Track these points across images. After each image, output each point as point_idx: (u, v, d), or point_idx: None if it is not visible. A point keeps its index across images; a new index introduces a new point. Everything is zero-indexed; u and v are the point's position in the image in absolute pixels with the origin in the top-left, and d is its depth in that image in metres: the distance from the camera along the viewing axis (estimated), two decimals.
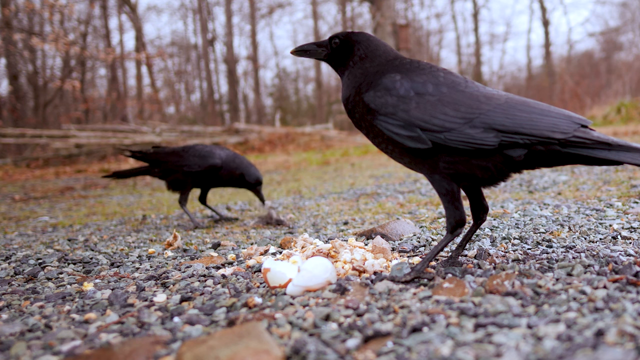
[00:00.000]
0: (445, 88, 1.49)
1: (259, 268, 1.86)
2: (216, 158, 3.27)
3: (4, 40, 14.60)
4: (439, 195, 1.54)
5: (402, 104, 1.47)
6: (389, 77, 1.54)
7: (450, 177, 1.49)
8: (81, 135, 13.99)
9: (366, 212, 3.42)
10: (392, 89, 1.50)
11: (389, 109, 1.48)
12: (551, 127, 1.40)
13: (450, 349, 1.00)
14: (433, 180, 1.52)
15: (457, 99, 1.46)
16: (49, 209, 5.15)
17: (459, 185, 1.53)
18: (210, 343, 1.05)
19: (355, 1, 26.04)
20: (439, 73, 1.55)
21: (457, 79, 1.53)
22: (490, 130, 1.40)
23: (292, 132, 16.22)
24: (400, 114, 1.47)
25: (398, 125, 1.47)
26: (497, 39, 37.65)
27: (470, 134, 1.41)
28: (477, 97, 1.46)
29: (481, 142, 1.40)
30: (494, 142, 1.40)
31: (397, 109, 1.47)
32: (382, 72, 1.58)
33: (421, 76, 1.52)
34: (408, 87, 1.49)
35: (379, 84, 1.54)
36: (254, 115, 29.99)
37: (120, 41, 27.67)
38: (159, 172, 3.42)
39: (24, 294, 1.70)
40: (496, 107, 1.44)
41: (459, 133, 1.41)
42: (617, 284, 1.31)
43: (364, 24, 28.31)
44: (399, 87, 1.50)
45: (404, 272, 1.53)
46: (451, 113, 1.44)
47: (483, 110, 1.43)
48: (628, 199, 2.91)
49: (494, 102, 1.45)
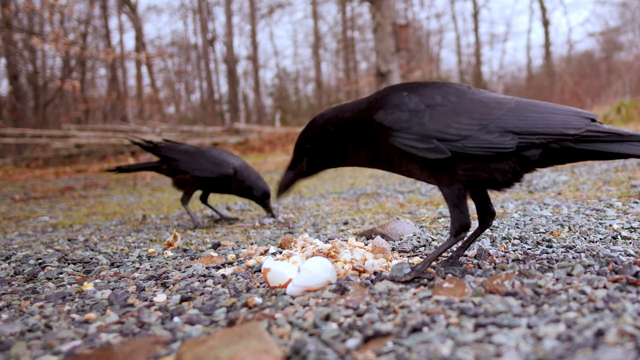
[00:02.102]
0: (454, 97, 1.50)
1: (259, 268, 1.86)
2: (229, 167, 3.24)
3: (4, 40, 14.60)
4: (446, 201, 1.53)
5: (415, 117, 1.48)
6: (395, 95, 1.55)
7: (470, 183, 1.50)
8: (81, 135, 13.99)
9: (366, 212, 3.42)
10: (401, 104, 1.51)
11: (403, 124, 1.48)
12: (564, 124, 1.43)
13: (450, 349, 1.00)
14: (451, 190, 1.51)
15: (469, 106, 1.47)
16: (49, 209, 5.15)
17: (473, 192, 1.54)
18: (210, 343, 1.05)
19: (355, 1, 26.03)
20: (442, 85, 1.56)
21: (462, 88, 1.55)
22: (507, 134, 1.42)
23: (292, 132, 16.22)
24: (415, 127, 1.47)
25: (414, 139, 1.47)
26: (497, 39, 37.64)
27: (488, 140, 1.42)
28: (488, 103, 1.48)
29: (499, 146, 1.42)
30: (511, 144, 1.42)
31: (411, 123, 1.48)
32: (387, 94, 1.58)
33: (426, 89, 1.54)
34: (417, 101, 1.50)
35: (386, 102, 1.54)
36: (254, 115, 29.99)
37: (120, 41, 27.68)
38: (168, 169, 3.36)
39: (24, 294, 1.70)
40: (508, 110, 1.46)
41: (476, 140, 1.42)
42: (617, 284, 1.31)
43: (364, 24, 28.33)
44: (408, 102, 1.50)
45: (404, 272, 1.53)
46: (466, 121, 1.45)
47: (496, 115, 1.45)
48: (628, 199, 2.91)
49: (505, 106, 1.47)
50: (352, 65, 31.07)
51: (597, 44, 29.35)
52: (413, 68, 27.30)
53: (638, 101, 14.51)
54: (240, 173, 3.26)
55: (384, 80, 13.65)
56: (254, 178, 3.28)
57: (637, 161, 4.85)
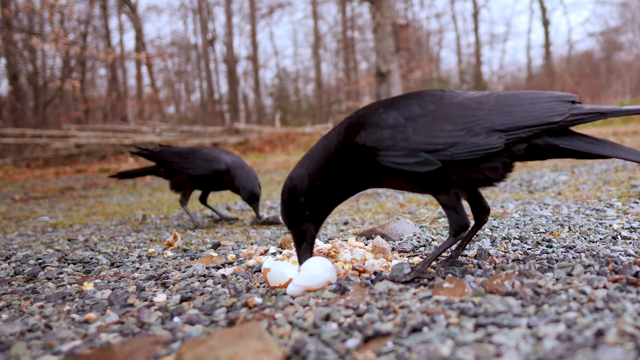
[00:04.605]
0: (432, 105, 1.47)
1: (259, 268, 1.86)
2: (221, 163, 3.23)
3: (4, 40, 14.60)
4: (442, 206, 1.52)
5: (398, 133, 1.44)
6: (371, 113, 1.51)
7: (464, 186, 1.49)
8: (81, 135, 14.00)
9: (366, 212, 3.42)
10: (380, 121, 1.47)
11: (387, 142, 1.44)
12: (548, 112, 1.41)
13: (450, 349, 1.00)
14: (448, 197, 1.49)
15: (450, 111, 1.44)
16: (49, 209, 5.15)
17: (469, 191, 1.53)
18: (210, 343, 1.05)
19: (355, 1, 26.04)
20: (416, 94, 1.53)
21: (437, 93, 1.52)
22: (493, 133, 1.41)
23: (292, 132, 16.23)
24: (401, 143, 1.43)
25: (402, 155, 1.43)
26: (497, 39, 37.63)
27: (475, 142, 1.40)
28: (469, 105, 1.45)
29: (488, 147, 1.40)
30: (499, 143, 1.40)
31: (395, 139, 1.44)
32: (363, 114, 1.54)
33: (401, 102, 1.51)
34: (396, 115, 1.46)
35: (365, 122, 1.50)
36: (254, 115, 29.99)
37: (120, 41, 27.67)
38: (164, 172, 3.40)
39: (24, 294, 1.70)
40: (490, 109, 1.44)
41: (464, 145, 1.40)
42: (617, 284, 1.31)
43: (364, 24, 28.32)
44: (387, 118, 1.47)
45: (404, 272, 1.53)
46: (449, 128, 1.42)
47: (479, 115, 1.43)
48: (628, 199, 2.91)
49: (485, 105, 1.45)
50: (352, 65, 31.10)
51: (597, 44, 29.39)
52: (413, 68, 27.31)
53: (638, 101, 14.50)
54: (233, 170, 3.23)
55: (384, 80, 13.64)
56: (243, 178, 3.20)
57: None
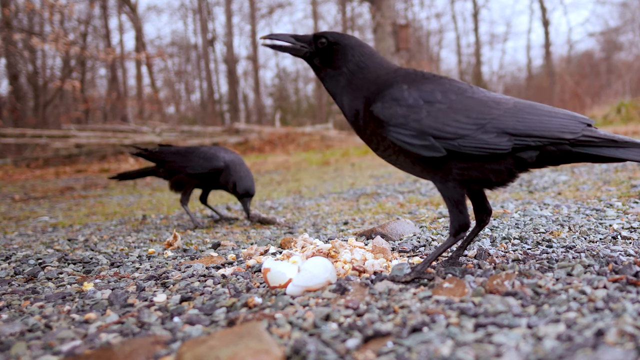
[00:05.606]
0: (454, 95, 1.48)
1: (259, 268, 1.86)
2: (220, 161, 3.25)
3: (4, 40, 14.59)
4: (444, 199, 1.53)
5: (412, 113, 1.46)
6: (396, 87, 1.52)
7: (463, 182, 1.49)
8: (81, 135, 13.99)
9: (366, 212, 3.42)
10: (400, 99, 1.48)
11: (400, 119, 1.46)
12: (561, 127, 1.43)
13: (450, 349, 1.00)
14: (445, 187, 1.51)
15: (468, 105, 1.46)
16: (49, 209, 5.15)
17: (468, 190, 1.53)
18: (210, 343, 1.05)
19: (355, 1, 26.03)
20: (444, 80, 1.54)
21: (462, 86, 1.53)
22: (503, 135, 1.42)
23: (292, 132, 16.22)
24: (412, 123, 1.45)
25: (410, 135, 1.45)
26: (497, 39, 37.58)
27: (484, 140, 1.42)
28: (487, 102, 1.47)
29: (495, 147, 1.41)
30: (507, 146, 1.41)
31: (408, 119, 1.46)
32: (388, 83, 1.55)
33: (427, 85, 1.51)
34: (417, 97, 1.48)
35: (386, 95, 1.51)
36: (254, 115, 29.97)
37: (120, 41, 27.66)
38: (164, 172, 3.41)
39: (24, 294, 1.70)
40: (506, 111, 1.45)
41: (472, 139, 1.42)
42: (617, 284, 1.31)
43: (364, 24, 28.31)
44: (408, 97, 1.48)
45: (404, 272, 1.53)
46: (463, 120, 1.44)
47: (494, 115, 1.44)
48: (628, 199, 2.91)
49: (503, 106, 1.47)
50: None
51: (597, 44, 29.39)
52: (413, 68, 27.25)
53: (638, 101, 14.53)
54: (232, 167, 3.25)
55: None
56: (241, 172, 3.26)
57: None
